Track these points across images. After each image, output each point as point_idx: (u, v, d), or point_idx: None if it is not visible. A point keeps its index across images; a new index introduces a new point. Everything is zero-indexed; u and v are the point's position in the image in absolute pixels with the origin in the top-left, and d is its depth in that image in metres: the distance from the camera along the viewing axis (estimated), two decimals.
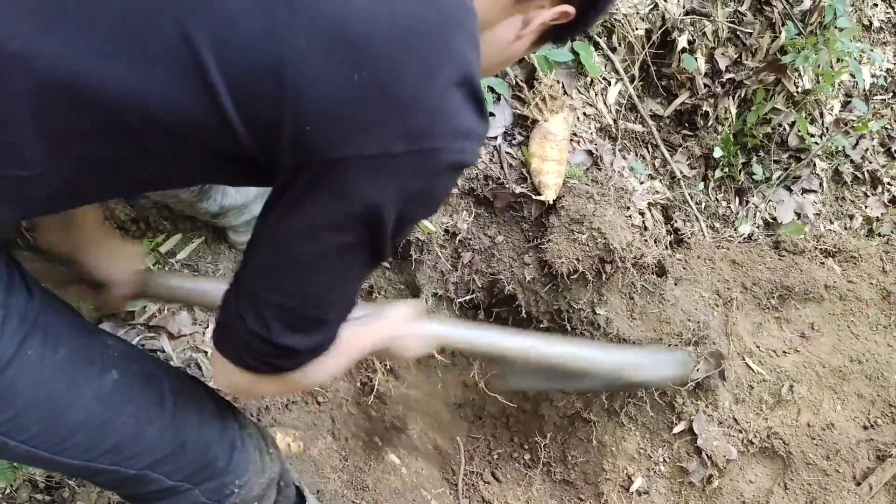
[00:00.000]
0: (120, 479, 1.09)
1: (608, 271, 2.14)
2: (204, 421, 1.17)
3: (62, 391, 0.99)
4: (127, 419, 1.06)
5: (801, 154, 2.75)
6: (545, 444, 2.46)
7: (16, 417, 0.96)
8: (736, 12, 2.56)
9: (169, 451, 1.10)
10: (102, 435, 1.03)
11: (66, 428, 1.00)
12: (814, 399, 2.34)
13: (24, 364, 0.95)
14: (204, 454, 1.15)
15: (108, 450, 1.04)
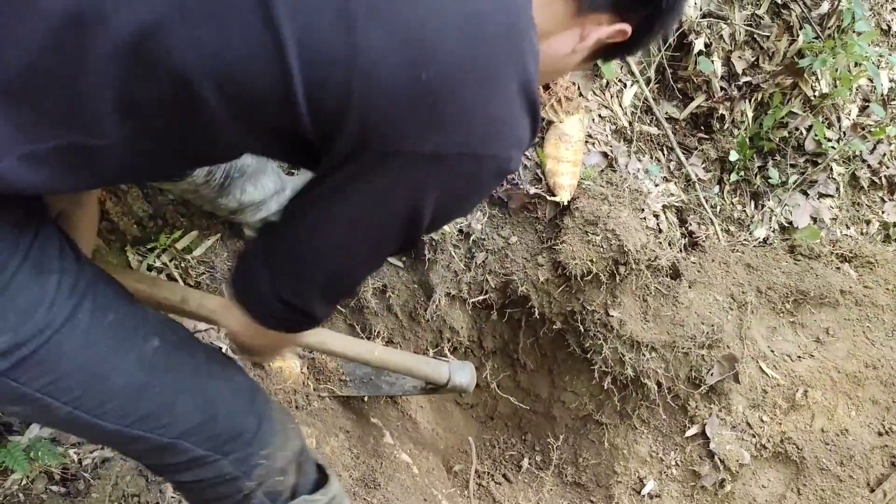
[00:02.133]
0: (152, 447, 1.10)
1: (622, 273, 2.13)
2: (235, 392, 1.19)
3: (107, 355, 1.02)
4: (164, 387, 1.08)
5: (818, 158, 2.74)
6: (557, 445, 2.46)
7: (61, 378, 0.98)
8: (753, 15, 2.55)
9: (201, 420, 1.12)
10: (140, 400, 1.05)
11: (107, 391, 1.02)
12: (828, 404, 2.33)
13: (75, 327, 0.98)
14: (234, 425, 1.16)
15: (144, 416, 1.06)
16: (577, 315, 2.21)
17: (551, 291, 2.21)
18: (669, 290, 2.24)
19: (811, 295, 2.43)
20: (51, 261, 0.98)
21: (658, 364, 2.23)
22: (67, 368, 0.98)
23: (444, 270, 2.21)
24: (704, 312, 2.25)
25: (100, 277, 1.06)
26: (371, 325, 2.23)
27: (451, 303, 2.27)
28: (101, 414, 1.03)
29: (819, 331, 2.43)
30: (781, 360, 2.36)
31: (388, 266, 2.20)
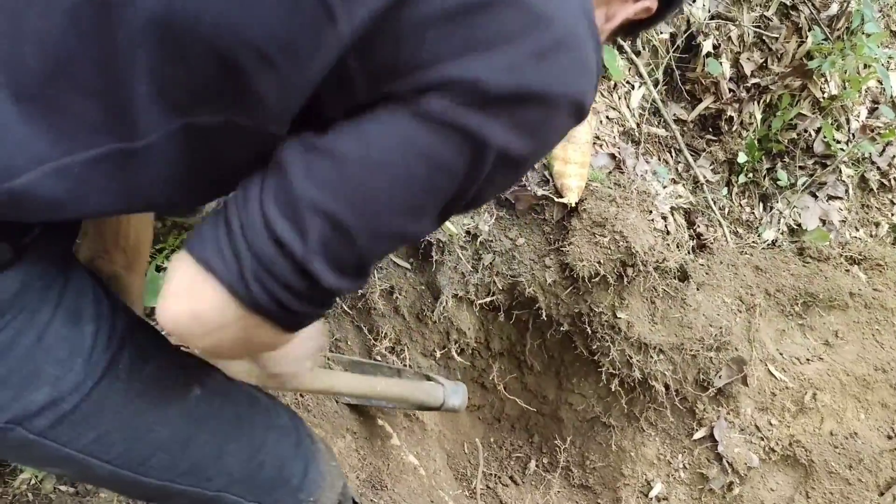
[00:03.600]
0: (197, 501, 1.03)
1: (630, 275, 2.13)
2: (280, 437, 1.11)
3: (149, 408, 0.95)
4: (208, 437, 1.01)
5: (827, 160, 2.73)
6: (564, 447, 2.46)
7: (104, 435, 0.91)
8: (762, 17, 2.54)
9: (247, 469, 1.05)
10: (185, 453, 0.99)
11: (150, 446, 0.96)
12: (837, 407, 2.31)
13: (116, 379, 0.91)
14: (280, 472, 1.09)
15: (188, 469, 1.00)
16: (585, 317, 2.21)
17: (559, 293, 2.21)
18: (677, 292, 2.23)
19: (820, 297, 2.42)
20: (86, 308, 0.90)
21: (666, 366, 2.22)
22: (109, 424, 0.91)
23: (452, 272, 2.21)
24: (712, 315, 2.25)
25: (137, 324, 0.98)
26: (378, 327, 2.24)
27: (458, 304, 2.27)
28: (145, 470, 0.96)
29: (828, 333, 2.42)
30: (790, 363, 2.35)
31: (395, 267, 2.21)
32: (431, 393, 1.92)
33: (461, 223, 2.15)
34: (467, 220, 2.16)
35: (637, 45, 2.38)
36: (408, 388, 1.89)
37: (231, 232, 0.77)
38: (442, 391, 1.95)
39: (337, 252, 0.77)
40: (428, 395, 1.91)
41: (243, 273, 0.76)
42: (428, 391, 1.92)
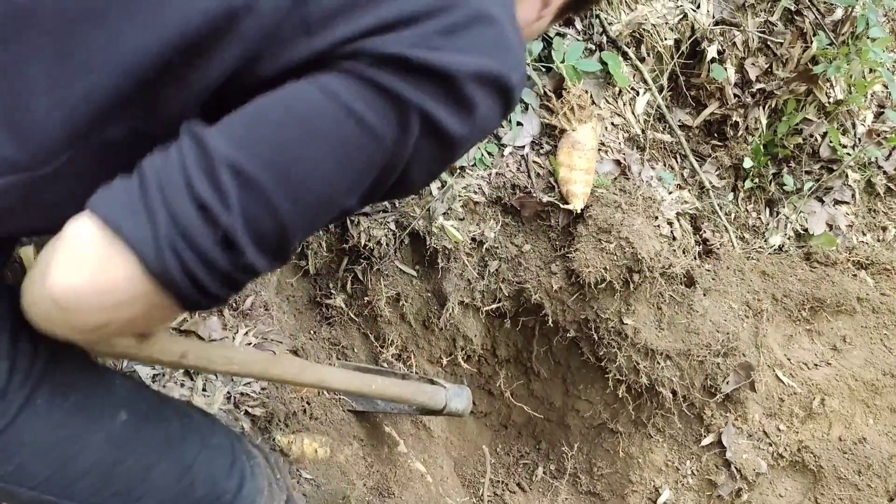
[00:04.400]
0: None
1: (636, 281, 2.13)
2: (212, 455, 1.12)
3: (72, 436, 0.95)
4: (136, 460, 1.01)
5: (833, 165, 2.72)
6: (571, 454, 2.45)
7: (24, 465, 0.92)
8: (766, 22, 2.54)
9: (177, 489, 1.05)
10: (112, 476, 0.99)
11: (75, 472, 0.96)
12: (845, 413, 2.31)
13: (34, 413, 0.91)
14: (213, 490, 1.10)
15: (116, 492, 1.00)
16: (591, 323, 2.21)
17: (565, 299, 2.21)
18: (684, 297, 2.23)
19: (828, 302, 2.41)
20: (2, 345, 0.87)
21: (673, 372, 2.22)
22: (30, 454, 0.92)
23: (458, 279, 2.21)
24: (719, 320, 2.24)
25: (58, 357, 0.95)
26: (385, 334, 2.24)
27: (464, 311, 2.28)
28: (71, 493, 0.96)
29: (836, 339, 2.41)
30: (798, 369, 2.34)
31: (400, 275, 2.21)
32: (433, 396, 1.90)
33: (466, 230, 2.16)
34: (472, 226, 2.17)
35: (641, 51, 2.39)
36: (407, 389, 1.86)
37: (146, 189, 0.69)
38: (444, 394, 1.92)
39: (258, 222, 0.70)
40: (429, 397, 1.89)
41: (158, 238, 0.68)
42: (429, 394, 1.90)
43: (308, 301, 2.24)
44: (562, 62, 2.18)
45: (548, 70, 2.23)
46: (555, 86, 2.25)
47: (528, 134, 2.21)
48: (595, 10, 2.29)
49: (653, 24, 2.36)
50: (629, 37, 2.35)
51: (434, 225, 2.11)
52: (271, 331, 1.96)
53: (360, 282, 2.20)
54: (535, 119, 2.22)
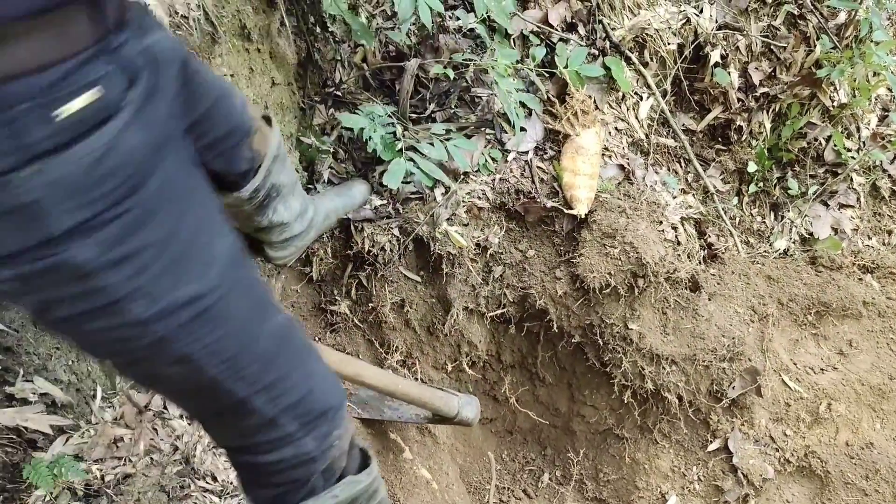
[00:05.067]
0: (257, 423, 1.08)
1: (640, 286, 2.12)
2: (326, 372, 1.19)
3: (257, 321, 1.03)
4: (286, 358, 1.08)
5: (838, 169, 2.72)
6: (577, 460, 2.44)
7: (222, 339, 0.96)
8: (770, 26, 2.54)
9: (302, 395, 1.10)
10: (269, 369, 1.05)
11: (249, 356, 1.01)
12: (852, 417, 2.29)
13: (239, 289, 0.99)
14: (323, 401, 1.15)
15: (267, 385, 1.05)
16: (596, 328, 2.20)
17: (569, 305, 2.20)
18: (689, 302, 2.22)
19: (833, 307, 2.40)
20: (225, 222, 0.99)
21: (678, 377, 2.21)
22: (229, 329, 0.97)
23: (462, 284, 2.21)
24: (725, 325, 2.24)
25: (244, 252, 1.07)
26: (389, 340, 2.24)
27: (469, 317, 2.27)
28: (239, 379, 1.01)
29: (842, 343, 2.40)
30: (804, 373, 2.33)
31: (405, 281, 2.21)
32: (447, 402, 1.96)
33: (471, 236, 2.16)
34: (477, 232, 2.17)
35: (645, 56, 2.39)
36: (427, 392, 1.94)
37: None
38: (457, 402, 1.98)
39: None
40: (444, 403, 1.95)
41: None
42: (444, 399, 1.96)
43: (313, 307, 2.24)
44: (565, 67, 2.18)
45: (551, 75, 2.24)
46: (558, 91, 2.25)
47: (531, 139, 2.21)
48: (598, 15, 2.30)
49: (656, 29, 2.37)
50: (632, 42, 2.35)
51: (438, 231, 2.11)
52: None
53: (365, 288, 2.19)
54: (538, 124, 2.22)
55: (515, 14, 2.20)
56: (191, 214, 0.92)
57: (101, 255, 0.82)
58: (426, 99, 2.20)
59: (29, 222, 0.77)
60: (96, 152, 0.78)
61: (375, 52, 2.18)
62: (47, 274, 0.81)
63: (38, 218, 0.77)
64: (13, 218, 0.77)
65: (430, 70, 2.14)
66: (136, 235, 0.84)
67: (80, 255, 0.81)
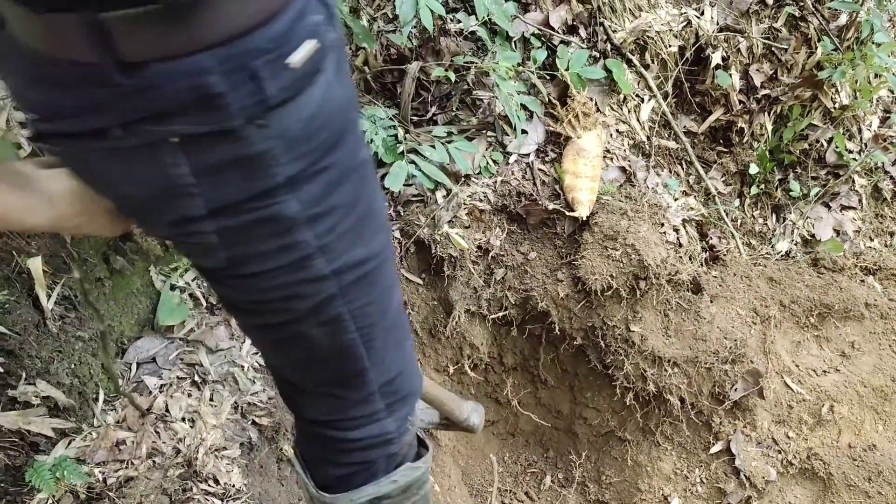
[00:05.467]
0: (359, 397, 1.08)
1: (642, 288, 2.12)
2: (414, 356, 1.19)
3: (392, 293, 1.04)
4: (397, 336, 1.09)
5: (840, 170, 2.72)
6: (579, 462, 2.44)
7: (368, 305, 0.98)
8: (771, 28, 2.54)
9: (395, 373, 1.11)
10: (386, 343, 1.05)
11: (379, 326, 1.02)
12: (855, 419, 2.29)
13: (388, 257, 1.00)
14: (409, 384, 1.15)
15: (379, 360, 1.05)
16: (598, 330, 2.20)
17: (571, 307, 2.20)
18: (691, 304, 2.22)
19: (835, 308, 2.40)
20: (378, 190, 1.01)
21: (681, 379, 2.21)
22: (375, 296, 0.98)
23: (464, 287, 2.21)
24: (727, 327, 2.23)
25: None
26: None
27: (470, 319, 2.27)
28: (369, 347, 1.02)
29: (844, 345, 2.40)
30: (806, 375, 2.33)
31: (406, 283, 2.21)
32: (458, 406, 1.98)
33: (472, 238, 2.16)
34: (478, 234, 2.17)
35: (646, 58, 2.39)
36: (444, 394, 1.97)
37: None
38: (466, 407, 2.00)
39: None
40: (456, 406, 1.98)
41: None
42: (457, 403, 1.98)
43: None
44: (566, 70, 2.19)
45: (552, 78, 2.24)
46: (559, 93, 2.25)
47: (532, 142, 2.21)
48: (599, 18, 2.30)
49: (657, 32, 2.37)
50: (633, 44, 2.35)
51: (439, 233, 2.11)
52: None
53: None
54: (539, 127, 2.22)
55: (516, 17, 2.21)
56: (370, 181, 0.94)
57: (304, 210, 0.83)
58: (427, 102, 2.20)
59: (256, 171, 0.78)
60: (314, 103, 0.78)
61: (377, 55, 2.18)
62: (257, 226, 0.83)
63: (265, 167, 0.78)
64: (241, 167, 0.78)
65: (431, 73, 2.14)
66: (333, 194, 0.86)
67: (291, 207, 0.82)
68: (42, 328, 1.58)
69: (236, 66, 0.71)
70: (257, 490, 1.76)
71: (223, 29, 0.70)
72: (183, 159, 0.75)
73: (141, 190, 0.80)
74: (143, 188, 0.79)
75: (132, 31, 0.67)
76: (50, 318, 1.60)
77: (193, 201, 0.79)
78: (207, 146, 0.75)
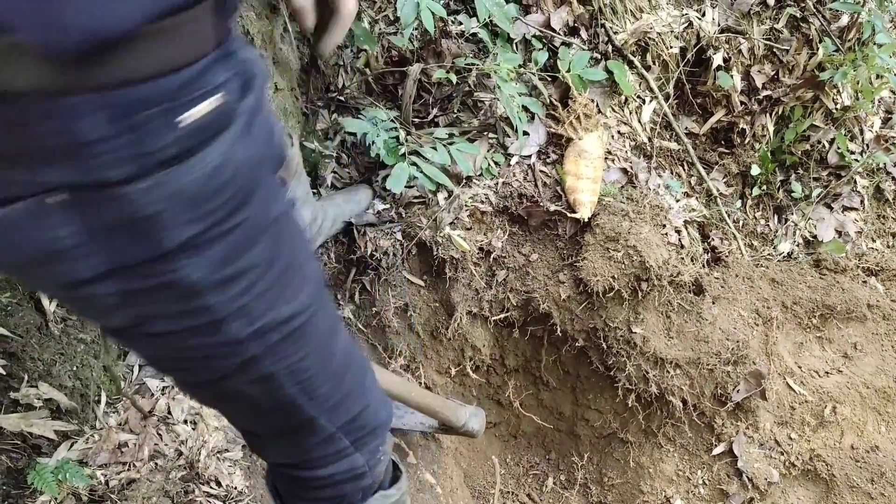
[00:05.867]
0: (319, 439, 1.07)
1: (644, 289, 2.12)
2: (379, 388, 1.18)
3: (332, 340, 1.02)
4: (351, 377, 1.07)
5: (841, 171, 2.71)
6: (581, 464, 2.44)
7: (306, 357, 0.95)
8: (772, 29, 2.54)
9: (358, 410, 1.10)
10: (337, 388, 1.04)
11: (324, 374, 1.01)
12: (857, 421, 2.29)
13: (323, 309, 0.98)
14: (375, 417, 1.14)
15: (333, 406, 1.04)
16: (600, 332, 2.20)
17: (573, 308, 2.20)
18: (693, 305, 2.22)
19: (838, 309, 2.40)
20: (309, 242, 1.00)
21: (683, 381, 2.21)
22: (311, 349, 0.96)
23: (465, 289, 2.21)
24: (729, 328, 2.23)
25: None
26: (393, 345, 2.24)
27: (472, 321, 2.27)
28: (311, 399, 1.00)
29: (847, 346, 2.40)
30: (809, 376, 2.32)
31: (408, 285, 2.21)
32: (456, 412, 2.00)
33: (474, 240, 2.16)
34: (480, 236, 2.17)
35: (647, 59, 2.39)
36: (438, 402, 1.98)
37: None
38: (465, 413, 2.01)
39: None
40: (453, 412, 1.99)
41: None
42: (453, 409, 1.99)
43: None
44: (567, 71, 2.19)
45: (553, 79, 2.24)
46: (560, 95, 2.25)
47: (534, 143, 2.21)
48: (600, 19, 2.30)
49: (658, 33, 2.37)
50: (634, 45, 2.35)
51: (440, 235, 2.11)
52: None
53: (368, 292, 2.20)
54: (541, 128, 2.23)
55: (517, 18, 2.21)
56: (288, 235, 0.90)
57: (211, 274, 0.79)
58: (429, 103, 2.20)
59: (143, 236, 0.73)
60: (214, 162, 0.74)
61: (378, 57, 2.18)
62: (156, 291, 0.78)
63: (154, 232, 0.73)
64: (127, 231, 0.72)
65: (432, 74, 2.15)
66: (244, 254, 0.82)
67: (193, 273, 0.78)
68: (44, 331, 1.59)
69: (118, 114, 0.66)
70: (259, 492, 1.76)
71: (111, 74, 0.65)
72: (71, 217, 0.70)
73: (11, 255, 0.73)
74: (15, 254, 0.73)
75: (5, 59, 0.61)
76: (52, 320, 1.60)
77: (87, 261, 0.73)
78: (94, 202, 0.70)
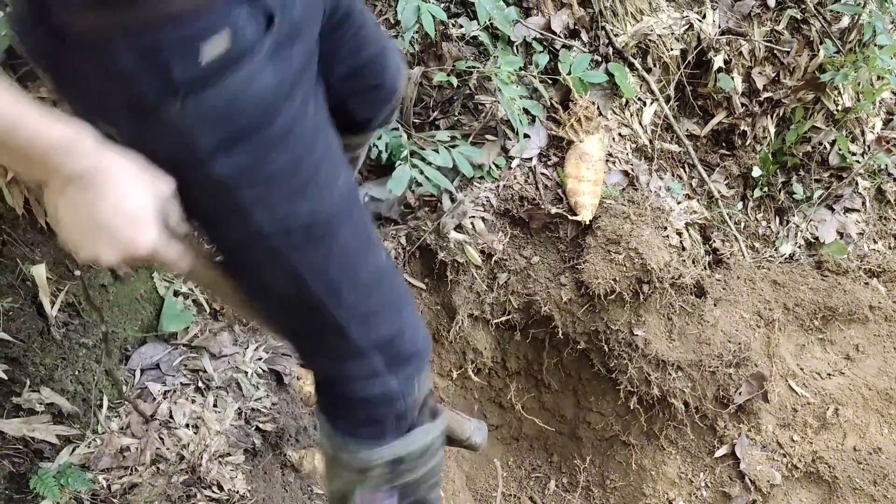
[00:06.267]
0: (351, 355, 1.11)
1: (646, 292, 2.12)
2: (418, 321, 1.22)
3: (362, 254, 1.08)
4: (382, 293, 1.12)
5: (843, 173, 2.71)
6: (584, 467, 2.44)
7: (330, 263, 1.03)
8: (773, 31, 2.54)
9: (393, 334, 1.14)
10: (368, 299, 1.09)
11: (349, 284, 1.06)
12: (860, 422, 2.28)
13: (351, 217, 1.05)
14: (411, 344, 1.17)
15: (362, 315, 1.09)
16: (601, 335, 2.20)
17: (574, 311, 2.20)
18: (694, 308, 2.22)
19: (840, 311, 2.39)
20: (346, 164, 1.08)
21: (685, 383, 2.20)
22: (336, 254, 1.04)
23: (467, 291, 2.21)
24: (731, 330, 2.23)
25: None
26: None
27: (474, 324, 2.27)
28: (339, 304, 1.06)
29: (849, 347, 2.39)
30: (811, 378, 2.32)
31: (410, 288, 2.21)
32: (462, 425, 1.99)
33: (475, 243, 2.16)
34: (481, 239, 2.17)
35: (648, 61, 2.39)
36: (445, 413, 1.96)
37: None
38: (469, 426, 2.00)
39: None
40: (458, 425, 1.98)
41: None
42: (459, 422, 1.99)
43: None
44: (568, 74, 2.19)
45: (554, 82, 2.24)
46: (561, 97, 2.25)
47: (535, 146, 2.21)
48: (601, 21, 2.30)
49: (659, 35, 2.37)
50: (635, 48, 2.36)
51: (443, 238, 2.11)
52: (282, 346, 1.96)
53: None
54: (542, 131, 2.23)
55: (518, 21, 2.21)
56: (316, 151, 0.99)
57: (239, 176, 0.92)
58: (430, 106, 2.20)
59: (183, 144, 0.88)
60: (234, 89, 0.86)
61: None
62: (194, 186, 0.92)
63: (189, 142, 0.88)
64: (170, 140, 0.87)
65: (433, 77, 2.15)
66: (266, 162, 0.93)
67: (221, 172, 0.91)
68: (46, 335, 1.59)
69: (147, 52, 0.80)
70: (261, 496, 1.76)
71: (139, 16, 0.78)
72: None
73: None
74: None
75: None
76: (54, 325, 1.60)
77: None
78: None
